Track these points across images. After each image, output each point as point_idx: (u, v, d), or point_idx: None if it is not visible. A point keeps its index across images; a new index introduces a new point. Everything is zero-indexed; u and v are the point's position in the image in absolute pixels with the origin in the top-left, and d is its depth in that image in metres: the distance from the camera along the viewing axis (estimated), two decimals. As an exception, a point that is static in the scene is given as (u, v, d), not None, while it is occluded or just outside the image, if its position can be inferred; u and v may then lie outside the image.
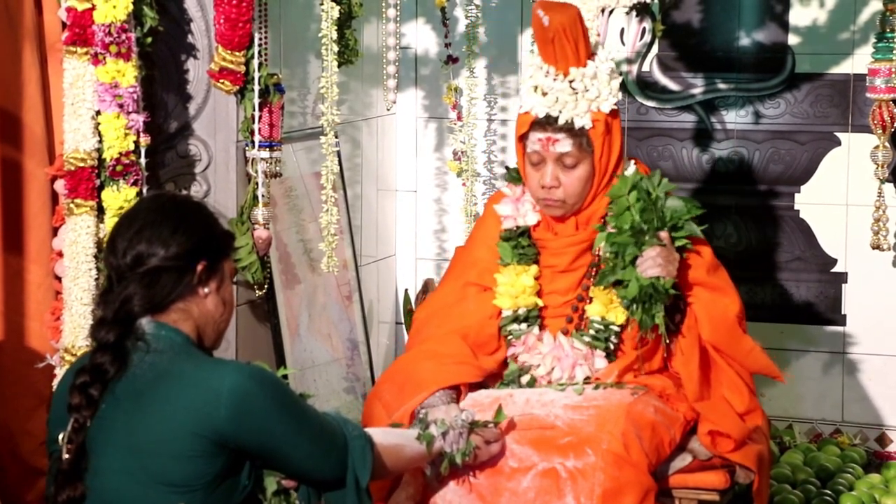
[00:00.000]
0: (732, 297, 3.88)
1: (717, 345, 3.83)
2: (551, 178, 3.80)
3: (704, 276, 3.83)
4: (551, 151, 3.79)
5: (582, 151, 3.79)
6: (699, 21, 5.23)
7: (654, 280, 3.69)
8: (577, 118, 3.77)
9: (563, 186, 3.81)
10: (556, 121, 3.77)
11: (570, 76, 3.77)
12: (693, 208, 3.79)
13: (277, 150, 4.14)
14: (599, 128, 3.78)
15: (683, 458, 3.79)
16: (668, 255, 3.72)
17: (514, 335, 3.88)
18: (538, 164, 3.83)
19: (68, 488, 2.91)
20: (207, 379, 2.90)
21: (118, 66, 3.90)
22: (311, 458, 3.02)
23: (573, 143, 3.78)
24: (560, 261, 3.89)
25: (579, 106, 3.76)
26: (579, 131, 3.77)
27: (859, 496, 4.70)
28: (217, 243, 3.05)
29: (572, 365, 3.84)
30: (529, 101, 3.81)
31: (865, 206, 4.58)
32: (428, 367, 3.79)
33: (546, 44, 3.77)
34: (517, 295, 3.87)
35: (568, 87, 3.76)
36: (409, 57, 5.49)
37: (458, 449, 3.47)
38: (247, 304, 4.45)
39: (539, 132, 3.80)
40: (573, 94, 3.76)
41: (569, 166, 3.80)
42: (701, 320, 3.81)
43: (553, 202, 3.83)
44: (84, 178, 3.94)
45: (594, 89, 3.77)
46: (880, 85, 4.13)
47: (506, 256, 3.90)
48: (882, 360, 5.15)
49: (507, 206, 3.95)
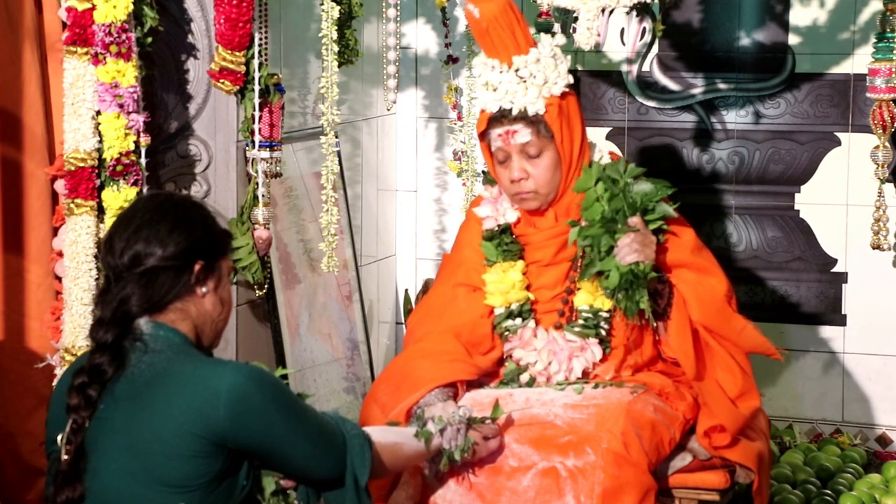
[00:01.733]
0: (719, 276, 3.88)
1: (707, 325, 3.83)
2: (518, 170, 3.83)
3: (688, 257, 3.84)
4: (513, 144, 3.82)
5: (542, 138, 3.82)
6: (699, 21, 5.23)
7: (633, 266, 3.70)
8: (530, 105, 3.79)
9: (532, 177, 3.83)
10: (510, 112, 3.80)
11: (514, 65, 3.79)
12: (663, 189, 3.80)
13: (278, 150, 4.14)
14: (553, 111, 3.80)
15: (683, 457, 3.79)
16: (643, 239, 3.73)
17: (509, 331, 3.89)
18: (505, 162, 3.86)
19: (67, 489, 2.91)
20: (206, 379, 2.90)
21: (118, 66, 3.91)
22: (310, 458, 3.02)
23: (531, 131, 3.81)
24: (544, 254, 3.91)
25: (529, 93, 3.79)
26: (535, 118, 3.80)
27: (859, 496, 4.70)
28: (215, 243, 3.05)
29: (568, 357, 3.85)
30: (482, 99, 3.86)
31: (865, 206, 4.58)
32: (423, 365, 3.80)
33: (483, 36, 3.81)
34: (507, 291, 3.89)
35: (514, 76, 3.80)
36: (410, 57, 5.49)
37: (457, 445, 3.47)
38: (247, 303, 4.45)
39: (497, 127, 3.84)
40: (521, 83, 3.79)
41: (533, 156, 3.83)
42: (689, 302, 3.81)
43: (526, 194, 3.86)
44: (84, 178, 3.94)
45: (541, 74, 3.80)
46: (880, 85, 4.12)
47: (491, 255, 3.92)
48: (882, 360, 5.15)
49: (486, 208, 3.98)
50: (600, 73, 5.33)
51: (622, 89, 5.31)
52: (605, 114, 5.34)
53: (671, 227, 3.83)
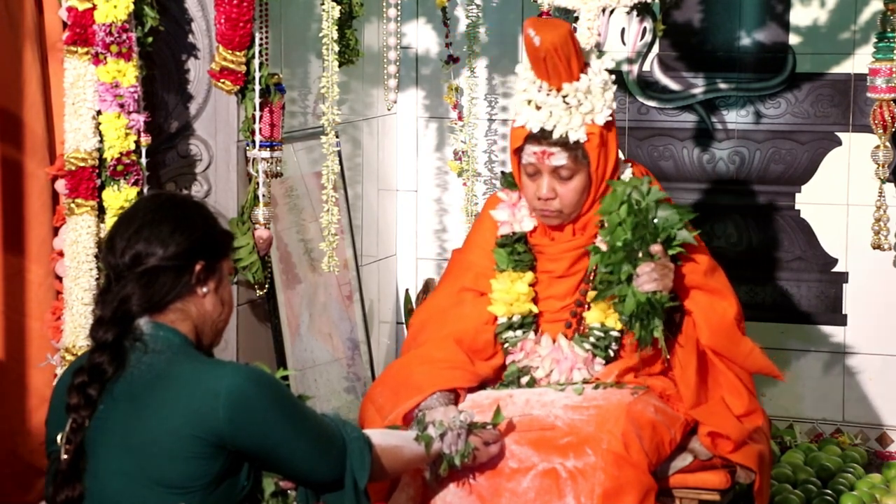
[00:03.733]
0: (730, 299, 3.86)
1: (716, 348, 3.82)
2: (548, 189, 3.80)
3: (701, 280, 3.82)
4: (547, 164, 3.78)
5: (577, 164, 3.78)
6: (700, 21, 5.23)
7: (651, 295, 3.67)
8: (572, 132, 3.74)
9: (560, 197, 3.80)
10: (550, 135, 3.75)
11: (563, 91, 3.75)
12: (685, 214, 3.77)
13: (278, 149, 4.14)
14: (594, 140, 3.77)
15: (684, 457, 3.78)
16: (662, 269, 3.70)
17: (510, 342, 3.88)
18: (534, 176, 3.82)
19: (67, 489, 2.91)
20: (206, 380, 2.90)
21: (119, 66, 3.91)
22: (310, 460, 3.01)
23: (568, 156, 3.77)
24: (557, 266, 3.89)
25: (573, 120, 3.74)
26: (574, 145, 3.76)
27: (860, 496, 4.70)
28: (216, 243, 3.05)
29: (570, 368, 3.84)
30: (524, 115, 3.80)
31: (866, 206, 4.58)
32: (422, 371, 3.79)
33: (538, 62, 3.75)
34: (512, 302, 3.87)
35: (561, 102, 3.74)
36: (410, 57, 5.49)
37: (457, 450, 3.47)
38: (247, 303, 4.45)
39: (534, 146, 3.79)
40: (567, 109, 3.74)
41: (565, 178, 3.79)
42: (699, 325, 3.80)
43: (550, 213, 3.83)
44: (85, 177, 3.94)
45: (588, 103, 3.75)
46: (881, 85, 4.13)
47: (501, 263, 3.90)
48: (883, 360, 5.15)
49: (504, 212, 3.94)
50: (601, 72, 5.32)
51: (623, 89, 5.31)
52: (605, 113, 5.33)
53: (688, 250, 3.81)
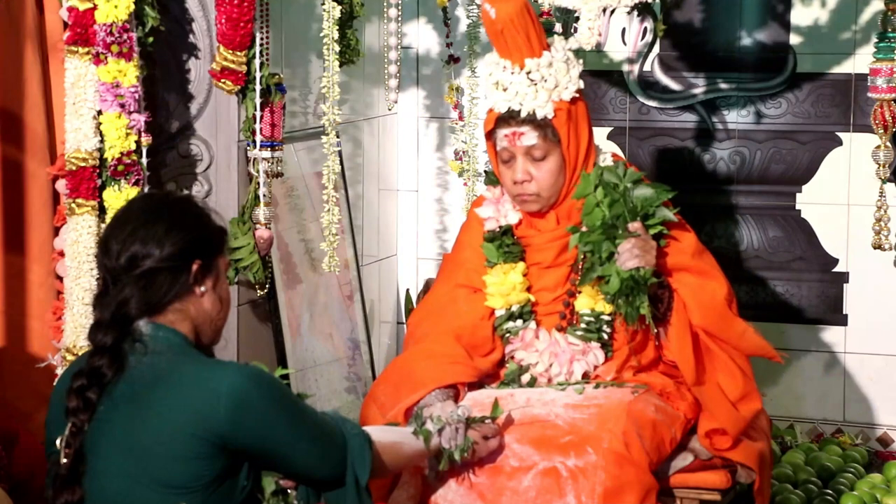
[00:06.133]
0: (719, 279, 3.87)
1: (708, 329, 3.82)
2: (522, 172, 3.83)
3: (688, 261, 3.83)
4: (518, 146, 3.82)
5: (548, 142, 3.81)
6: (700, 21, 5.23)
7: (634, 272, 3.69)
8: (539, 109, 3.79)
9: (536, 180, 3.83)
10: (518, 114, 3.80)
11: (526, 68, 3.79)
12: (663, 193, 3.79)
13: (279, 149, 4.15)
14: (562, 116, 3.80)
15: (684, 457, 3.79)
16: (643, 244, 3.72)
17: (511, 332, 3.89)
18: (509, 162, 3.86)
19: (66, 492, 2.91)
20: (206, 380, 2.90)
21: (120, 66, 3.91)
22: (311, 458, 3.02)
23: (538, 134, 3.80)
24: (545, 256, 3.91)
25: (539, 96, 3.78)
26: (543, 122, 3.79)
27: (860, 496, 4.70)
28: (211, 241, 3.04)
29: (570, 360, 3.85)
30: (491, 98, 3.83)
31: (867, 206, 4.58)
32: (424, 366, 3.80)
33: (497, 37, 3.80)
34: (508, 293, 3.89)
35: (525, 78, 3.79)
36: (411, 57, 5.49)
37: (456, 445, 3.47)
38: (248, 303, 4.45)
39: (504, 128, 3.83)
40: (532, 86, 3.78)
41: (538, 159, 3.82)
42: (690, 306, 3.80)
43: (528, 196, 3.85)
44: (85, 177, 3.94)
45: (552, 79, 3.79)
46: (882, 84, 4.13)
47: (491, 257, 3.92)
48: (883, 360, 5.15)
49: (488, 208, 3.97)
50: (601, 72, 5.33)
51: (623, 89, 5.31)
52: (606, 114, 5.34)
53: (672, 230, 3.82)
